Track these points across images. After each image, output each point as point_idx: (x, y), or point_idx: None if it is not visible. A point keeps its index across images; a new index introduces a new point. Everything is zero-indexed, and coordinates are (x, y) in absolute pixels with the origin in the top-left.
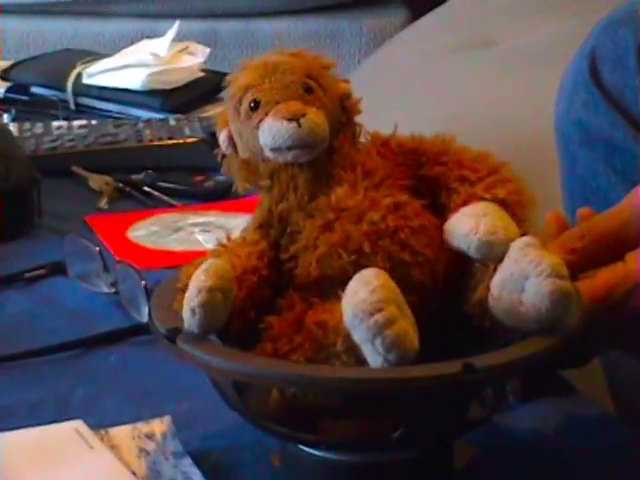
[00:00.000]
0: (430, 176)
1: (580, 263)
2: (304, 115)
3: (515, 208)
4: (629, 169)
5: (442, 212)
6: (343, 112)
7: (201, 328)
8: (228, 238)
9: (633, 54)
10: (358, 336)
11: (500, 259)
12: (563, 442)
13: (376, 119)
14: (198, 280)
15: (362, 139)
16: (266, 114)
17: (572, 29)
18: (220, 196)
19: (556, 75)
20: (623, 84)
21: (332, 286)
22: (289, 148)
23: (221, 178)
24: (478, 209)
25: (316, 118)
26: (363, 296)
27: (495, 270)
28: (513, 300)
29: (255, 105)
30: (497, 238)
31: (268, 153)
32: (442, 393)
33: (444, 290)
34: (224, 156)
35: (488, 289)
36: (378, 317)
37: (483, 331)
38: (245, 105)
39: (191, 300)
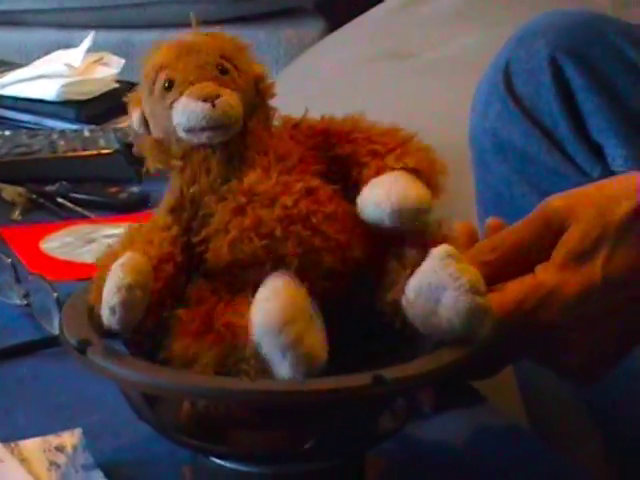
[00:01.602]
0: (341, 155)
1: (491, 275)
2: (218, 96)
3: (427, 176)
4: (542, 180)
5: (354, 194)
6: (257, 94)
7: (120, 326)
8: (139, 224)
9: (546, 66)
10: (266, 350)
11: (414, 226)
12: (474, 453)
13: None
14: (116, 277)
15: (275, 122)
16: (180, 94)
17: (488, 41)
18: (134, 208)
19: (472, 86)
20: (537, 96)
21: (242, 271)
22: (203, 129)
23: (135, 190)
24: (389, 177)
25: (230, 99)
26: (272, 311)
27: (412, 272)
28: (427, 309)
29: (169, 85)
30: (409, 204)
31: (181, 133)
32: (352, 405)
33: (358, 280)
34: (136, 135)
35: (403, 291)
36: (286, 335)
37: (393, 329)
38: (159, 84)
39: (110, 299)
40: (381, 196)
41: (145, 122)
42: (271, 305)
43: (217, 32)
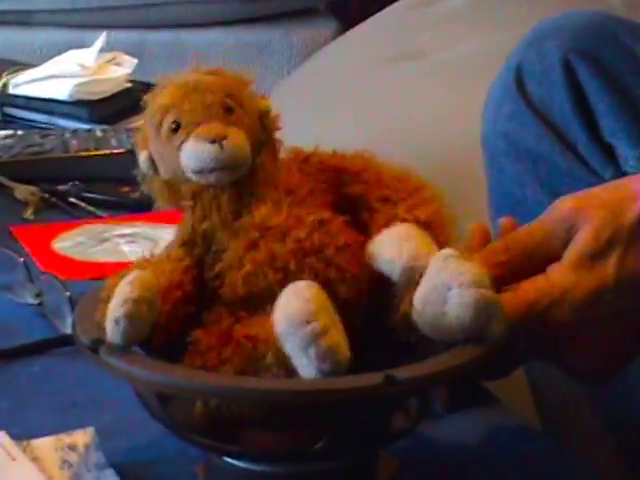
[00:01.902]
0: (351, 195)
1: (504, 276)
2: (226, 137)
3: (436, 229)
4: (555, 181)
5: (363, 230)
6: (263, 130)
7: (124, 339)
8: (151, 254)
9: (559, 67)
10: (291, 346)
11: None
12: (485, 453)
13: (305, 130)
14: (123, 291)
15: (282, 155)
16: (187, 136)
17: (499, 42)
18: (146, 207)
19: (484, 87)
20: (549, 97)
21: (259, 303)
22: (211, 170)
23: None
24: (401, 233)
25: (238, 139)
26: (297, 305)
27: (417, 285)
28: (437, 313)
29: (176, 126)
30: (420, 264)
31: (190, 175)
32: (364, 405)
33: (368, 307)
34: (144, 176)
35: (411, 304)
36: (314, 325)
37: (409, 345)
38: (166, 126)
39: (116, 311)
40: (392, 254)
41: (153, 163)
42: (295, 301)
43: (220, 69)
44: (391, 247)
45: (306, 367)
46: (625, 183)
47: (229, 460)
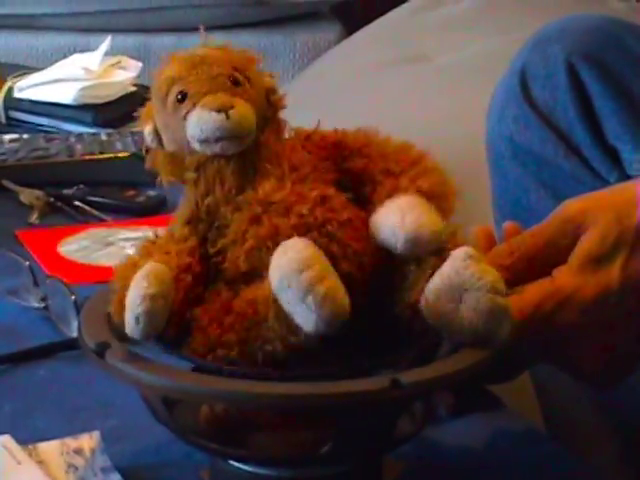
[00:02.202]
0: (354, 169)
1: (509, 279)
2: (232, 107)
3: (439, 199)
4: (559, 184)
5: (366, 205)
6: (269, 106)
7: (144, 335)
8: (155, 234)
9: (563, 71)
10: (288, 298)
11: (427, 253)
12: (491, 457)
13: None
14: (140, 287)
15: (286, 135)
16: (194, 105)
17: (503, 45)
18: (151, 211)
19: (487, 91)
20: (553, 100)
21: (260, 279)
22: (217, 140)
23: (152, 193)
24: (403, 203)
25: (244, 110)
26: (291, 256)
27: (432, 274)
28: (449, 310)
29: (182, 97)
30: (423, 234)
31: (195, 145)
32: (370, 409)
33: (372, 286)
34: (148, 150)
35: (422, 293)
36: (308, 273)
37: (411, 331)
38: (172, 97)
39: (135, 308)
40: (394, 224)
41: (157, 136)
42: (290, 251)
43: (226, 44)
44: (393, 217)
45: (306, 317)
46: (630, 186)
47: (235, 464)
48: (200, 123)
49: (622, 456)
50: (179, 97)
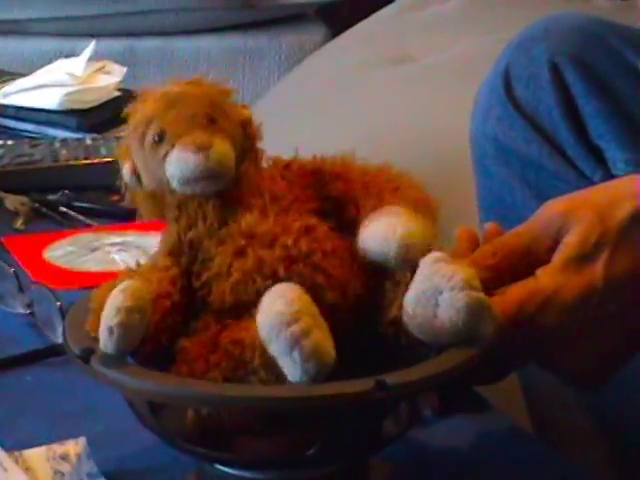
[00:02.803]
0: (334, 194)
1: (493, 280)
2: (211, 146)
3: (423, 213)
4: (543, 185)
5: (349, 231)
6: (246, 138)
7: (117, 348)
8: (137, 264)
9: (546, 71)
10: (275, 348)
11: (414, 266)
12: (477, 458)
13: (296, 135)
14: (116, 300)
15: (264, 164)
16: (172, 146)
17: (487, 45)
18: (136, 216)
19: (472, 91)
20: (537, 100)
21: (247, 311)
22: (197, 180)
23: None
24: (390, 212)
25: (223, 148)
26: (279, 308)
27: (407, 288)
28: (428, 315)
29: (160, 137)
30: (415, 240)
31: (176, 185)
32: (355, 410)
33: (356, 311)
34: (128, 188)
35: (401, 307)
36: (295, 328)
37: (399, 349)
38: (149, 138)
39: (109, 319)
40: (385, 232)
41: (136, 174)
42: (278, 302)
43: (200, 79)
44: (383, 226)
45: (292, 369)
46: (613, 185)
47: (221, 468)
48: (180, 164)
49: (608, 457)
50: (156, 138)
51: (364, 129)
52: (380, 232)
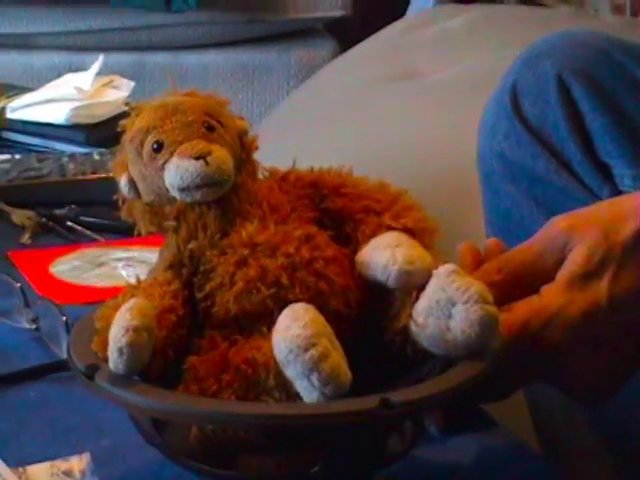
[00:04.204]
0: (333, 208)
1: (498, 296)
2: (210, 153)
3: (422, 236)
4: (550, 200)
5: (347, 243)
6: (242, 149)
7: (127, 368)
8: (138, 280)
9: (553, 87)
10: (292, 372)
11: (418, 286)
12: (483, 476)
13: (304, 150)
14: (124, 319)
15: (260, 175)
16: (171, 154)
17: (495, 62)
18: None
19: (479, 107)
20: (544, 116)
21: (251, 322)
22: (197, 187)
23: None
24: (391, 239)
25: (222, 155)
26: (296, 332)
27: (417, 297)
28: (440, 327)
29: (158, 147)
30: (415, 267)
31: (175, 193)
32: (360, 428)
33: (360, 320)
34: (124, 201)
35: (410, 316)
36: (313, 352)
37: (403, 358)
38: (148, 147)
39: (118, 340)
40: (386, 260)
41: (134, 186)
42: (295, 326)
43: (195, 90)
44: (384, 253)
45: (309, 391)
46: (619, 201)
47: None
48: (179, 171)
49: (614, 474)
50: (155, 147)
51: (371, 144)
52: (380, 258)
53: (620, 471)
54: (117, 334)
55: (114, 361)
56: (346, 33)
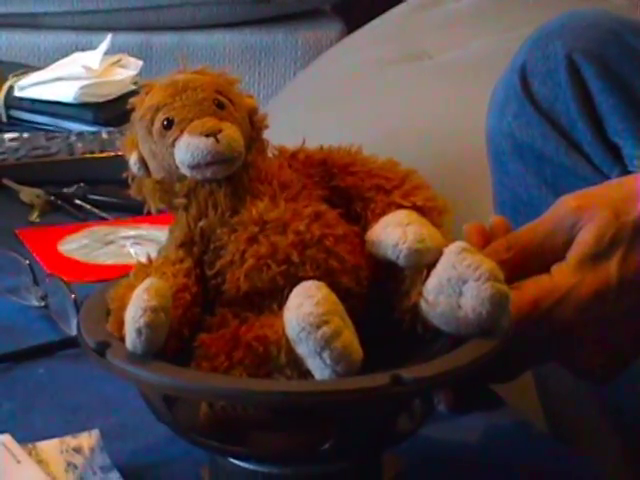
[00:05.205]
0: (343, 187)
1: (507, 274)
2: (220, 130)
3: (431, 215)
4: (560, 181)
5: (356, 221)
6: (252, 127)
7: (146, 348)
8: (149, 259)
9: (563, 67)
10: (304, 349)
11: (429, 265)
12: (491, 455)
13: (311, 131)
14: (141, 299)
15: (269, 154)
16: (181, 131)
17: (504, 42)
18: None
19: (488, 88)
20: (554, 97)
21: (262, 299)
22: (208, 164)
23: None
24: (401, 218)
25: (232, 133)
26: (308, 309)
27: (427, 275)
28: (451, 305)
29: (169, 124)
30: (426, 246)
31: (185, 171)
32: (371, 405)
33: (371, 297)
34: (134, 179)
35: (421, 294)
36: (325, 330)
37: (413, 336)
38: (158, 124)
39: (136, 320)
40: (396, 238)
41: (144, 164)
42: (307, 303)
43: (205, 68)
44: (394, 232)
45: (321, 369)
46: (628, 181)
47: (235, 462)
48: (190, 148)
49: (624, 455)
50: (165, 124)
51: (379, 125)
52: (390, 237)
53: (629, 451)
54: (135, 315)
55: (132, 341)
56: (353, 14)
